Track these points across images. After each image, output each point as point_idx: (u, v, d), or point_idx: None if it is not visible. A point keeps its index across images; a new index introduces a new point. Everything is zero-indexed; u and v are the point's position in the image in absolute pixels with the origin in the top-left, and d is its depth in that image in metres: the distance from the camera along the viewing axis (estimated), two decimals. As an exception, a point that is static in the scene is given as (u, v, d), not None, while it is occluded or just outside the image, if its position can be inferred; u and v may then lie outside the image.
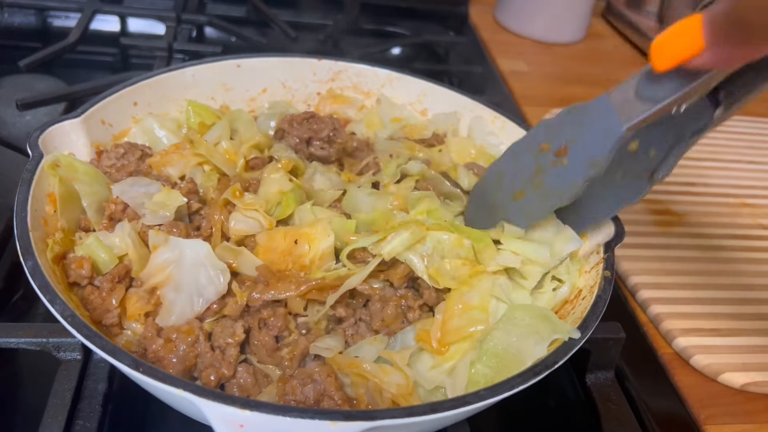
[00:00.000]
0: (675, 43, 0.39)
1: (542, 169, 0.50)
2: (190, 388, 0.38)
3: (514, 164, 0.53)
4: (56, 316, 0.42)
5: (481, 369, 0.48)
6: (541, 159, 0.50)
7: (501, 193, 0.55)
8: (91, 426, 0.48)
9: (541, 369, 0.44)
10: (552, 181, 0.50)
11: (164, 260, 0.49)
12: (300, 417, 0.37)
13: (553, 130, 0.49)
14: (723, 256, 0.78)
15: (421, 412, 0.39)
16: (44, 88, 0.86)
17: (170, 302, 0.48)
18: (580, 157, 0.47)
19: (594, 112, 0.46)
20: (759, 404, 0.61)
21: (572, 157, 0.48)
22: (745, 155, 0.98)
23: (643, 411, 0.59)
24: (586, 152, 0.47)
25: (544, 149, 0.49)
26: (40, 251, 0.47)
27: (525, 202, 0.52)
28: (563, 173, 0.48)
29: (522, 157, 0.52)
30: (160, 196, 0.53)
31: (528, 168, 0.51)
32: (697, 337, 0.66)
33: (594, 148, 0.46)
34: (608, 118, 0.45)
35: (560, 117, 0.49)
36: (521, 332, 0.48)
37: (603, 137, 0.45)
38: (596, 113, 0.46)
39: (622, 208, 0.54)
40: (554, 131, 0.49)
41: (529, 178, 0.51)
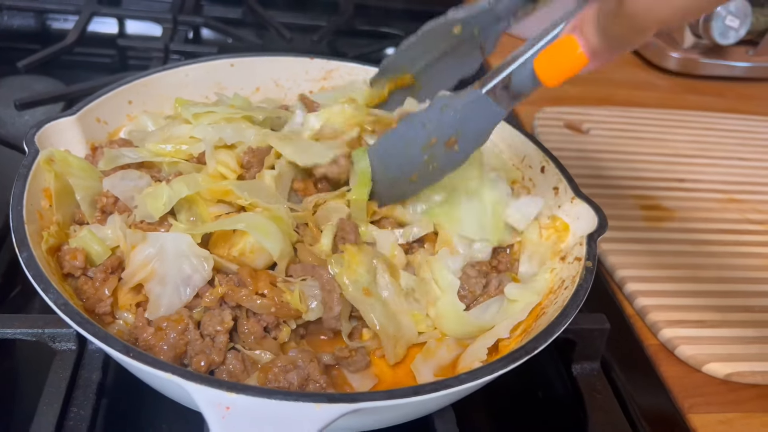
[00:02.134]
0: (563, 64, 0.45)
1: (434, 157, 0.56)
2: (179, 372, 0.39)
3: (399, 158, 0.57)
4: (50, 304, 0.43)
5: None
6: (431, 150, 0.55)
7: (392, 176, 0.58)
8: (85, 413, 0.49)
9: (521, 354, 0.45)
10: (444, 163, 0.56)
11: (145, 256, 0.50)
12: (285, 399, 0.38)
13: (434, 126, 0.54)
14: (710, 251, 0.79)
15: (402, 395, 0.40)
16: (42, 88, 0.87)
17: (157, 296, 0.49)
18: (468, 143, 0.55)
19: (474, 108, 0.53)
20: (742, 394, 0.62)
21: (462, 144, 0.55)
22: (734, 152, 0.99)
23: (629, 401, 0.60)
24: (474, 139, 0.55)
25: (432, 143, 0.55)
26: (35, 243, 0.49)
27: (418, 180, 0.58)
28: (454, 155, 0.56)
29: (408, 151, 0.56)
30: (149, 190, 0.54)
31: (417, 159, 0.56)
32: (682, 328, 0.67)
33: (480, 135, 0.55)
34: (490, 110, 0.52)
35: (433, 116, 0.54)
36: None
37: (486, 124, 0.54)
38: (477, 109, 0.52)
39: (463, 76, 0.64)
40: (436, 126, 0.54)
41: (421, 165, 0.56)
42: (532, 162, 0.68)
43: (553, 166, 0.65)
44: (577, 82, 1.15)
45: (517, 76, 0.50)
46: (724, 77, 1.22)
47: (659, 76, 1.22)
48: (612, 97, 1.12)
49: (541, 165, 0.67)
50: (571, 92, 1.12)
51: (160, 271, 0.50)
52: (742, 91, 1.21)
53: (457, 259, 0.58)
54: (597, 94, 1.12)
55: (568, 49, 0.44)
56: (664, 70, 1.22)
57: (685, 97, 1.17)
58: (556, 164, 0.65)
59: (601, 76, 1.19)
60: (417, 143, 0.55)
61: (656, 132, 1.01)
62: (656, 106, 1.10)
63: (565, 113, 1.02)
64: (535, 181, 0.67)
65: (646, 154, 0.96)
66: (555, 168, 0.65)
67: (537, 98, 1.08)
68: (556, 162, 0.65)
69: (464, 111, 0.53)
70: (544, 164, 0.66)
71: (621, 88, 1.16)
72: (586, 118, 1.02)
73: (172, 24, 1.02)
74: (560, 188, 0.63)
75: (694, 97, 1.17)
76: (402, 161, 0.57)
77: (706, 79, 1.22)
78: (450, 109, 0.53)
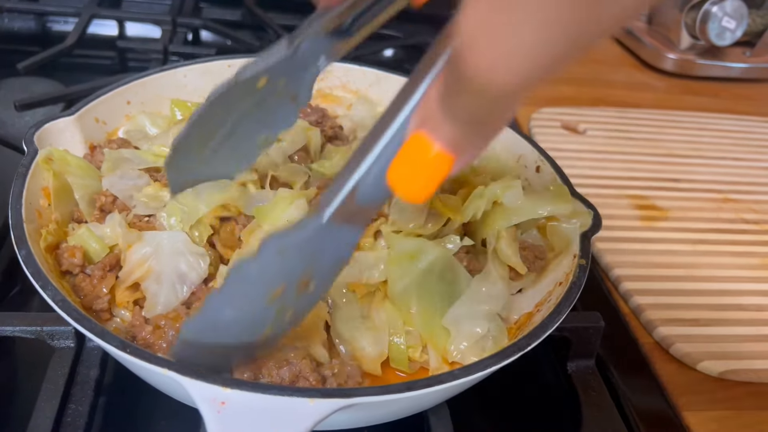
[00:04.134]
0: (423, 172, 0.33)
1: (287, 305, 0.43)
2: (174, 367, 0.40)
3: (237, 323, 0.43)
4: (47, 300, 0.44)
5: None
6: (282, 300, 0.42)
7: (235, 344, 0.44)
8: (83, 410, 0.49)
9: (514, 351, 0.45)
10: (303, 304, 0.45)
11: (142, 255, 0.51)
12: (279, 394, 0.39)
13: (275, 274, 0.41)
14: (706, 250, 0.79)
15: (396, 390, 0.41)
16: (42, 89, 0.88)
17: (153, 294, 0.50)
18: (324, 278, 0.44)
19: (321, 242, 0.41)
20: (736, 391, 0.63)
21: (317, 280, 0.43)
22: (729, 152, 1.00)
23: (624, 398, 0.61)
24: (331, 269, 0.44)
25: (279, 292, 0.41)
26: (33, 242, 0.49)
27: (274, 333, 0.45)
28: (314, 293, 0.44)
29: (247, 311, 0.42)
30: (149, 189, 0.55)
31: (265, 315, 0.42)
32: (677, 326, 0.67)
33: (338, 262, 0.43)
34: (342, 235, 0.41)
35: (268, 262, 0.40)
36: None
37: (344, 249, 0.42)
38: (325, 242, 0.41)
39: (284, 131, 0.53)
40: (278, 274, 0.41)
41: (274, 319, 0.43)
42: (527, 162, 0.68)
43: (549, 166, 0.65)
44: (574, 83, 1.17)
45: (362, 189, 0.38)
46: (720, 78, 1.23)
47: (655, 77, 1.23)
48: (608, 98, 1.13)
49: (536, 165, 0.67)
50: (567, 93, 1.13)
51: (156, 269, 0.50)
52: (738, 92, 1.21)
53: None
54: (593, 95, 1.13)
55: (421, 152, 0.33)
56: (660, 71, 1.23)
57: (681, 97, 1.17)
58: (551, 164, 0.65)
59: (598, 77, 1.20)
60: (257, 299, 0.41)
61: (652, 132, 1.02)
62: (652, 107, 1.11)
63: (562, 114, 1.02)
64: (531, 181, 0.67)
65: (641, 154, 0.96)
66: (550, 167, 0.65)
67: (533, 99, 1.09)
68: (551, 162, 0.66)
69: (309, 249, 0.40)
70: (540, 164, 0.67)
71: (617, 89, 1.17)
72: (582, 118, 1.02)
73: (171, 26, 1.02)
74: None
75: (690, 98, 1.17)
76: (243, 325, 0.42)
77: (703, 80, 1.22)
78: (290, 250, 0.40)
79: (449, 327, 0.52)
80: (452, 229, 0.57)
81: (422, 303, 0.53)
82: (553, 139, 0.96)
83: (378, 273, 0.54)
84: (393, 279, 0.53)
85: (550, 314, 0.49)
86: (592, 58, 1.27)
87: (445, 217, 0.56)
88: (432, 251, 0.53)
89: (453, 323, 0.52)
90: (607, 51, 1.31)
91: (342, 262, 0.43)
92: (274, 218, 0.54)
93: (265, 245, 0.40)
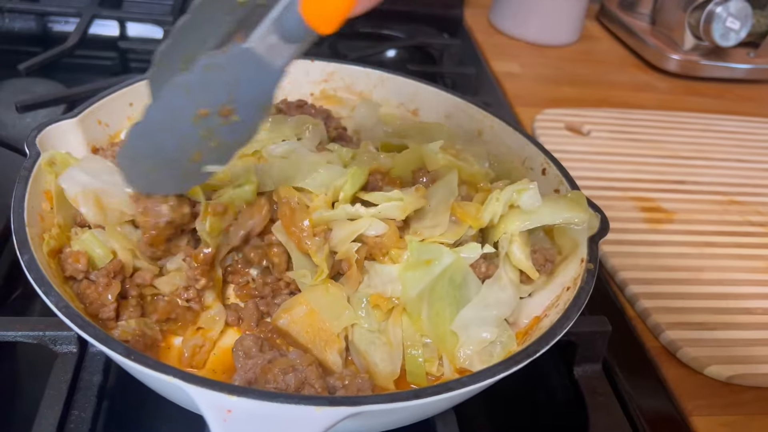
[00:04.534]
0: (332, 8, 0.40)
1: (212, 131, 0.47)
2: (180, 375, 0.39)
3: (166, 137, 0.47)
4: (51, 306, 0.43)
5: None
6: (205, 123, 0.46)
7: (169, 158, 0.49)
8: (87, 416, 0.49)
9: (522, 357, 0.45)
10: (228, 135, 0.48)
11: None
12: (286, 402, 0.38)
13: (199, 95, 0.45)
14: (712, 253, 0.79)
15: (404, 398, 0.40)
16: (43, 91, 0.87)
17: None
18: (248, 109, 0.46)
19: (242, 67, 0.44)
20: (744, 396, 0.62)
21: (241, 112, 0.46)
22: (733, 154, 0.99)
23: (630, 403, 0.60)
24: (253, 103, 0.46)
25: (204, 114, 0.45)
26: (36, 246, 0.49)
27: (205, 159, 0.49)
28: (237, 126, 0.47)
29: (176, 128, 0.47)
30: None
31: (191, 136, 0.47)
32: (684, 330, 0.67)
33: (260, 97, 0.46)
34: (261, 68, 0.44)
35: (196, 79, 0.44)
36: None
37: (265, 85, 0.45)
38: (246, 67, 0.44)
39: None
40: (201, 95, 0.45)
41: (200, 142, 0.47)
42: (533, 164, 0.68)
43: (555, 168, 0.65)
44: (578, 84, 1.17)
45: (284, 23, 0.42)
46: (724, 79, 1.22)
47: (659, 78, 1.22)
48: (612, 99, 1.12)
49: (542, 167, 0.66)
50: (571, 94, 1.12)
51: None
52: (742, 93, 1.21)
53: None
54: (597, 96, 1.12)
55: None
56: (664, 72, 1.22)
57: (685, 98, 1.17)
58: (557, 166, 0.65)
59: (601, 78, 1.20)
60: (185, 115, 0.46)
61: (656, 134, 1.01)
62: (656, 108, 1.10)
63: (565, 115, 1.02)
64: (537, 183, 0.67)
65: (646, 155, 0.96)
66: (556, 170, 0.65)
67: (537, 100, 1.09)
68: (557, 164, 0.65)
69: (232, 72, 0.44)
70: (546, 166, 0.66)
71: (621, 90, 1.16)
72: (586, 120, 1.02)
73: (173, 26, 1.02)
74: (561, 190, 0.63)
75: (694, 99, 1.17)
76: (173, 139, 0.47)
77: (707, 81, 1.22)
78: (214, 70, 0.44)
79: (457, 331, 0.52)
80: (470, 235, 0.57)
81: (433, 308, 0.53)
82: (557, 141, 0.96)
83: (392, 289, 0.54)
84: (407, 285, 0.53)
85: (558, 320, 0.48)
86: (596, 59, 1.27)
87: (466, 224, 0.56)
88: (447, 257, 0.53)
89: (461, 328, 0.52)
90: (610, 52, 1.31)
91: (263, 98, 0.46)
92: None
93: (196, 63, 0.44)
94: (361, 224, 0.54)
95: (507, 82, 1.12)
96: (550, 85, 1.14)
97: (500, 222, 0.56)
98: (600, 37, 1.37)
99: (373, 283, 0.55)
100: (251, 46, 0.43)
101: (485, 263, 0.56)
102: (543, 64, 1.22)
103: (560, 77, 1.18)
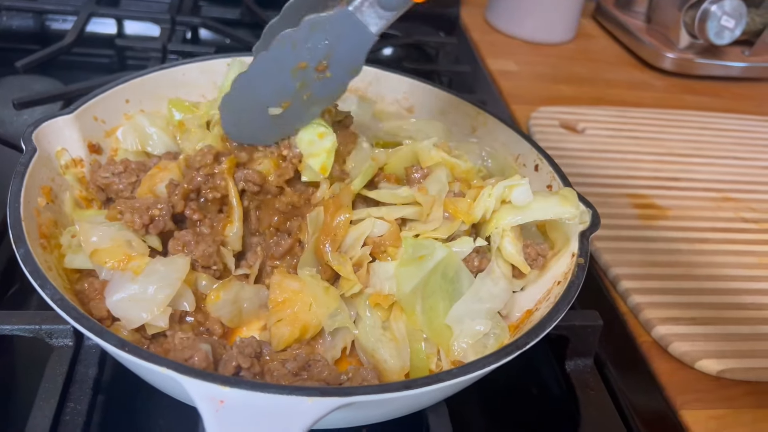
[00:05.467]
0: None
1: (307, 83, 0.53)
2: (173, 366, 0.40)
3: (268, 84, 0.54)
4: (46, 299, 0.44)
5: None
6: (302, 76, 0.53)
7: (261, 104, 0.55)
8: (82, 408, 0.49)
9: (512, 349, 0.45)
10: (319, 91, 0.54)
11: None
12: (278, 393, 0.39)
13: (302, 49, 0.52)
14: (705, 249, 0.79)
15: (395, 389, 0.41)
16: (41, 88, 0.88)
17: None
18: (340, 68, 0.53)
19: (342, 28, 0.51)
20: (734, 390, 0.63)
21: (333, 69, 0.53)
22: (728, 151, 1.00)
23: (622, 397, 0.61)
24: (346, 63, 0.53)
25: (303, 67, 0.52)
26: (32, 240, 0.49)
27: (292, 110, 0.55)
28: (328, 83, 0.54)
29: (277, 77, 0.53)
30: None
31: (289, 85, 0.54)
32: (675, 325, 0.67)
33: (352, 59, 0.53)
34: (358, 30, 0.51)
35: (302, 35, 0.51)
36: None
37: (358, 48, 0.52)
38: (345, 28, 0.51)
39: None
40: (304, 49, 0.52)
41: (294, 93, 0.54)
42: (526, 160, 0.68)
43: (547, 164, 0.65)
44: (574, 82, 1.17)
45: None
46: (719, 77, 1.23)
47: (655, 77, 1.23)
48: (607, 97, 1.13)
49: (534, 163, 0.67)
50: (567, 92, 1.13)
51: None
52: (737, 91, 1.22)
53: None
54: (592, 95, 1.13)
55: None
56: (659, 70, 1.23)
57: (680, 97, 1.17)
58: (549, 162, 0.65)
59: (597, 76, 1.20)
60: (287, 66, 0.52)
61: (651, 131, 1.02)
62: (652, 106, 1.11)
63: (561, 113, 1.02)
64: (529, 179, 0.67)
65: (640, 153, 0.96)
66: (548, 166, 0.65)
67: (532, 98, 1.09)
68: (549, 160, 0.66)
69: (333, 31, 0.51)
70: (538, 162, 0.67)
71: (616, 89, 1.17)
72: (581, 117, 1.02)
73: (170, 24, 1.02)
74: (554, 186, 0.64)
75: (689, 97, 1.17)
76: (273, 87, 0.54)
77: (702, 79, 1.22)
78: (319, 29, 0.51)
79: (452, 325, 0.53)
80: (462, 231, 0.57)
81: (427, 303, 0.53)
82: (552, 138, 0.96)
83: (389, 286, 0.55)
84: (401, 281, 0.53)
85: (548, 313, 0.49)
86: (591, 57, 1.27)
87: (459, 220, 0.56)
88: (440, 252, 0.54)
89: (455, 321, 0.53)
90: (606, 50, 1.31)
91: (356, 59, 0.53)
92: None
93: (304, 22, 0.50)
94: (366, 226, 0.55)
95: (503, 80, 1.13)
96: (545, 83, 1.15)
97: (492, 217, 0.57)
98: (596, 35, 1.37)
99: (371, 282, 0.55)
100: (353, 10, 0.50)
101: (478, 257, 0.56)
102: (539, 62, 1.22)
103: (556, 75, 1.19)
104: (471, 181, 0.61)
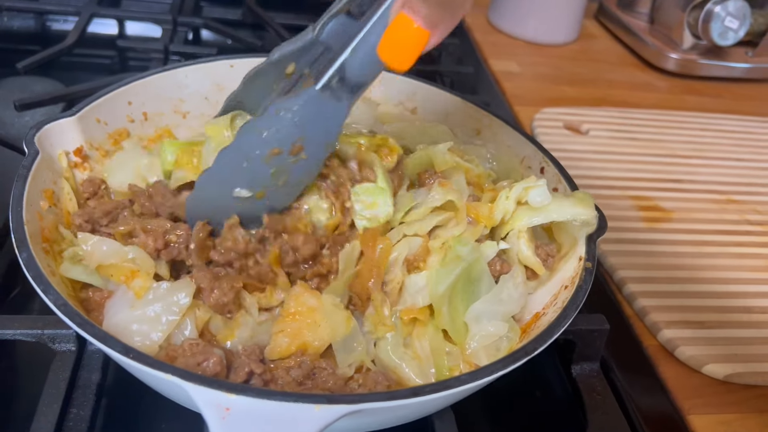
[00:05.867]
0: (406, 44, 0.43)
1: (282, 169, 0.50)
2: (178, 372, 0.39)
3: (237, 178, 0.51)
4: (49, 304, 0.43)
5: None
6: (276, 162, 0.50)
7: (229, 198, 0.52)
8: (85, 414, 0.49)
9: (521, 355, 0.45)
10: (295, 174, 0.51)
11: None
12: (284, 400, 0.38)
13: (273, 135, 0.49)
14: (709, 251, 0.79)
15: (403, 396, 0.40)
16: (42, 89, 0.87)
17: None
18: (315, 147, 0.50)
19: (312, 107, 0.48)
20: (742, 395, 0.63)
21: (309, 151, 0.50)
22: (732, 153, 0.99)
23: (628, 402, 0.60)
24: (321, 141, 0.50)
25: (276, 153, 0.49)
26: (35, 244, 0.49)
27: (269, 198, 0.52)
28: (305, 164, 0.51)
29: (247, 168, 0.50)
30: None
31: (262, 173, 0.50)
32: (682, 329, 0.67)
33: (326, 136, 0.50)
34: (329, 107, 0.48)
35: (268, 123, 0.48)
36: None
37: (332, 123, 0.49)
38: (315, 109, 0.48)
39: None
40: (275, 136, 0.49)
41: (268, 180, 0.51)
42: (531, 163, 0.68)
43: (553, 167, 0.65)
44: (577, 82, 1.17)
45: (351, 65, 0.46)
46: (723, 78, 1.23)
47: (658, 77, 1.22)
48: (610, 98, 1.13)
49: (540, 166, 0.67)
50: (570, 93, 1.12)
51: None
52: (741, 92, 1.21)
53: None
54: (596, 95, 1.13)
55: (404, 29, 0.42)
56: (662, 71, 1.23)
57: (683, 98, 1.17)
58: (555, 165, 0.65)
59: (600, 77, 1.20)
60: (257, 155, 0.49)
61: (655, 133, 1.01)
62: (655, 107, 1.10)
63: (564, 114, 1.02)
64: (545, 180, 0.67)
65: (644, 155, 0.96)
66: (554, 169, 0.65)
67: (536, 99, 1.09)
68: (555, 163, 0.65)
69: (302, 113, 0.48)
70: (544, 165, 0.66)
71: (620, 90, 1.16)
72: (584, 119, 1.02)
73: (172, 25, 1.02)
74: (560, 189, 0.63)
75: (692, 98, 1.17)
76: (246, 178, 0.50)
77: (705, 80, 1.22)
78: (286, 112, 0.48)
79: (469, 323, 0.53)
80: (483, 235, 0.57)
81: (452, 303, 0.53)
82: (555, 140, 0.96)
83: (422, 298, 0.54)
84: (437, 281, 0.53)
85: (556, 318, 0.48)
86: (594, 57, 1.27)
87: (481, 224, 0.56)
88: (475, 253, 0.54)
89: (473, 320, 0.53)
90: (609, 51, 1.31)
91: (330, 135, 0.50)
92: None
93: (268, 108, 0.48)
94: (403, 248, 0.54)
95: (506, 81, 1.12)
96: (548, 84, 1.14)
97: (508, 219, 0.57)
98: (598, 36, 1.37)
99: (402, 299, 0.54)
100: (320, 89, 0.47)
101: (499, 261, 0.56)
102: (542, 63, 1.22)
103: (559, 76, 1.18)
104: (483, 185, 0.61)
